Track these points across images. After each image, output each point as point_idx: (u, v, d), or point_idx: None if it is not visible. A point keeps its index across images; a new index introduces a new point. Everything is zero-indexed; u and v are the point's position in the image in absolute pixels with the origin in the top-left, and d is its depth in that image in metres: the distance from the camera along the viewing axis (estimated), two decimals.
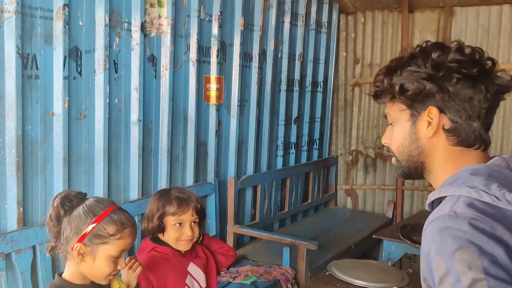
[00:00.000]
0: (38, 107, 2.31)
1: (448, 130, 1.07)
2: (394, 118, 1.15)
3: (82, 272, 1.46)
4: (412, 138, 1.11)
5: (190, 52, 3.16)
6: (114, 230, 1.43)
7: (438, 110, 1.07)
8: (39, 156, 2.35)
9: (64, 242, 1.44)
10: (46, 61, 2.33)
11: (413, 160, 1.12)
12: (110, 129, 2.65)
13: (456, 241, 0.91)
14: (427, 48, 1.10)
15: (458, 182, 1.02)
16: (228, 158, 3.65)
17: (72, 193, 1.47)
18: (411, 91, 1.08)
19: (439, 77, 1.05)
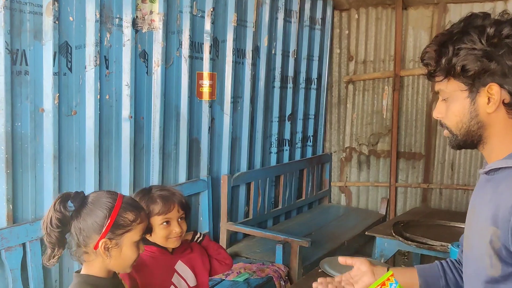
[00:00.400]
0: (27, 103, 2.29)
1: (509, 104, 1.10)
2: (450, 95, 1.17)
3: (108, 267, 1.44)
4: (472, 115, 1.14)
5: (183, 48, 3.14)
6: (133, 216, 1.42)
7: (498, 86, 1.10)
8: (29, 152, 2.33)
9: (82, 243, 1.40)
10: (36, 57, 2.30)
11: (472, 134, 1.16)
12: (101, 126, 2.63)
13: None
14: (477, 21, 1.12)
15: None
16: (221, 155, 3.64)
17: (71, 194, 1.43)
18: (473, 71, 1.10)
19: (499, 54, 1.08)
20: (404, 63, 4.60)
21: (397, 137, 4.68)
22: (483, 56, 1.09)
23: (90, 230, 1.38)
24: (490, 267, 1.12)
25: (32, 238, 2.30)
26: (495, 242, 1.09)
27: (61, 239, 1.38)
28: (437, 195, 4.63)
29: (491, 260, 1.10)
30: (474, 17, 1.13)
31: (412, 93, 4.60)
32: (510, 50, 1.08)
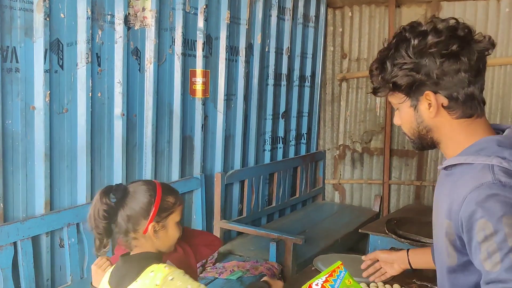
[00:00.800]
0: (18, 101, 2.27)
1: (447, 107, 1.18)
2: (398, 106, 1.27)
3: (157, 248, 1.53)
4: (418, 121, 1.23)
5: (175, 45, 3.12)
6: (174, 198, 1.55)
7: (433, 93, 1.17)
8: (20, 151, 2.31)
9: (131, 229, 1.49)
10: (27, 54, 2.28)
11: (423, 137, 1.26)
12: (93, 124, 2.62)
13: (504, 207, 1.05)
14: (405, 35, 1.18)
15: (487, 152, 1.15)
16: (214, 153, 3.63)
17: (113, 187, 1.51)
18: (404, 85, 1.19)
19: (424, 65, 1.15)
20: None
21: (390, 135, 4.69)
22: (412, 69, 1.16)
23: (138, 216, 1.48)
24: (447, 257, 1.23)
25: (23, 236, 2.28)
26: (450, 234, 1.19)
27: (108, 229, 1.48)
28: (430, 192, 4.64)
29: (448, 250, 1.22)
30: (402, 31, 1.19)
31: None
32: (433, 59, 1.14)
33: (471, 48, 1.14)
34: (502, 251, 1.03)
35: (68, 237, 2.50)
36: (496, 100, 4.20)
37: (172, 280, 1.39)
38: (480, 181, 1.10)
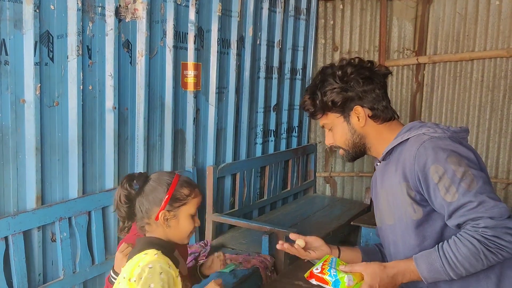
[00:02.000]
0: (8, 94, 2.24)
1: (372, 116, 1.56)
2: (332, 124, 1.61)
3: (168, 237, 1.61)
4: (352, 131, 1.58)
5: (167, 38, 3.09)
6: (188, 190, 1.60)
7: (360, 107, 1.55)
8: (10, 145, 2.28)
9: (145, 215, 1.59)
10: (16, 46, 2.25)
11: (357, 145, 1.60)
12: (84, 117, 2.59)
13: (445, 152, 1.40)
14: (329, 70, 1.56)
15: (415, 128, 1.52)
16: (206, 146, 3.62)
17: (135, 175, 1.62)
18: (340, 101, 1.54)
19: (351, 86, 1.54)
20: (388, 53, 4.62)
21: None
22: (341, 90, 1.53)
23: (151, 204, 1.57)
24: (414, 212, 1.49)
25: (15, 231, 2.26)
26: (410, 193, 1.47)
27: (129, 213, 1.60)
28: None
29: (413, 207, 1.48)
30: (326, 69, 1.58)
31: (397, 84, 4.63)
32: (356, 82, 1.53)
33: (377, 73, 1.56)
34: (455, 183, 1.35)
35: (60, 231, 2.48)
36: (486, 92, 4.23)
37: (150, 268, 1.43)
38: (421, 141, 1.44)
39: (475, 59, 4.23)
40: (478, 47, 4.21)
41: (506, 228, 1.32)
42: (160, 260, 1.47)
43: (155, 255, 1.48)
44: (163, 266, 1.45)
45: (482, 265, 1.36)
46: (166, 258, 1.50)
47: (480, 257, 1.34)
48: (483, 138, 4.30)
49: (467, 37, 4.25)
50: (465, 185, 1.35)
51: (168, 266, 1.47)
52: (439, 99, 4.46)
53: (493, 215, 1.32)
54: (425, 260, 1.41)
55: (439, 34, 4.39)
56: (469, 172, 1.36)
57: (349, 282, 1.41)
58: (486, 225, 1.32)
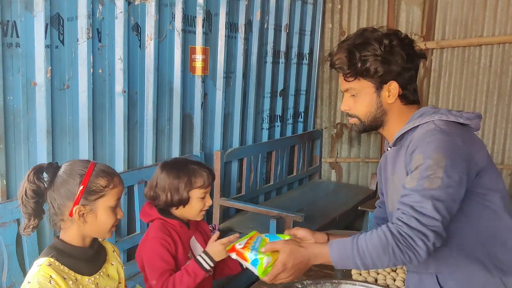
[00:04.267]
0: (19, 76, 2.23)
1: (402, 95, 1.50)
2: (359, 91, 1.52)
3: (85, 234, 1.46)
4: (378, 105, 1.52)
5: (175, 22, 3.08)
6: (106, 181, 1.44)
7: (396, 83, 1.48)
8: (22, 127, 2.28)
9: (58, 211, 1.42)
10: (27, 28, 2.24)
11: (377, 120, 1.54)
12: (94, 100, 2.59)
13: (436, 145, 1.35)
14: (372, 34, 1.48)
15: (428, 114, 1.46)
16: (214, 131, 3.62)
17: (44, 165, 1.45)
18: (381, 72, 1.46)
19: (393, 59, 1.45)
20: None
21: None
22: (385, 61, 1.45)
23: (63, 198, 1.40)
24: None
25: None
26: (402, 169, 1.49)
27: (37, 209, 1.41)
28: None
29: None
30: (368, 32, 1.49)
31: None
32: (401, 56, 1.46)
33: (417, 54, 1.50)
34: (422, 174, 1.34)
35: None
36: (494, 78, 4.21)
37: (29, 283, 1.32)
38: (425, 130, 1.41)
39: (483, 44, 4.20)
40: (487, 32, 4.18)
41: (424, 235, 1.30)
42: (41, 274, 1.33)
43: (38, 266, 1.36)
44: (41, 281, 1.32)
45: (389, 260, 1.34)
46: (49, 271, 1.35)
47: (388, 251, 1.33)
48: (490, 124, 4.29)
49: (476, 22, 4.21)
50: (426, 183, 1.32)
51: (49, 280, 1.33)
52: (447, 85, 4.44)
53: (421, 219, 1.31)
54: (339, 245, 1.41)
55: (447, 19, 4.35)
56: (440, 176, 1.32)
57: (267, 263, 1.47)
58: (407, 223, 1.32)
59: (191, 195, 1.89)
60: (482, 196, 1.43)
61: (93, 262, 1.52)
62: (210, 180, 1.92)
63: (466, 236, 1.43)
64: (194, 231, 1.98)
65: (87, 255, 1.48)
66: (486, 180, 1.42)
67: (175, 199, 1.87)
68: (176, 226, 1.91)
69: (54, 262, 1.39)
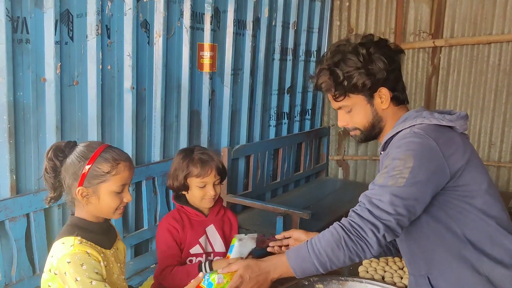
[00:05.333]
0: (29, 72, 2.25)
1: (393, 98, 1.54)
2: (352, 106, 1.54)
3: (93, 213, 1.53)
4: (374, 114, 1.54)
5: (184, 18, 3.08)
6: (109, 167, 1.48)
7: (385, 88, 1.50)
8: (32, 123, 2.30)
9: (68, 190, 1.50)
10: (37, 25, 2.25)
11: (376, 127, 1.57)
12: (103, 96, 2.60)
13: (407, 147, 1.38)
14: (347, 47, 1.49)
15: (411, 118, 1.49)
16: (221, 127, 3.63)
17: (62, 143, 1.51)
18: (369, 84, 1.48)
19: (377, 66, 1.47)
20: (404, 36, 4.57)
21: None
22: (368, 72, 1.46)
23: (71, 178, 1.47)
24: None
25: (36, 208, 2.29)
26: None
27: (56, 184, 1.50)
28: None
29: None
30: (343, 45, 1.51)
31: (412, 67, 4.58)
32: (381, 61, 1.46)
33: (395, 52, 1.52)
34: (388, 174, 1.37)
35: None
36: (503, 76, 4.18)
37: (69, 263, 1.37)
38: (402, 135, 1.44)
39: (492, 42, 4.18)
40: (496, 30, 4.16)
41: (374, 226, 1.31)
42: (77, 252, 1.40)
43: (70, 246, 1.41)
44: (82, 257, 1.39)
45: (344, 254, 1.33)
46: (83, 247, 1.43)
47: (341, 244, 1.33)
48: (498, 122, 4.27)
49: (485, 20, 4.19)
50: (391, 180, 1.34)
51: (88, 255, 1.41)
52: (455, 83, 4.42)
53: (373, 211, 1.33)
54: (295, 250, 1.41)
55: (456, 17, 4.33)
56: (406, 176, 1.33)
57: (218, 280, 1.50)
58: (360, 214, 1.34)
59: (189, 183, 2.00)
60: (465, 195, 1.43)
61: (109, 235, 1.60)
62: (208, 170, 1.97)
63: (452, 236, 1.44)
64: (214, 219, 2.04)
65: (103, 229, 1.57)
66: (468, 179, 1.42)
67: (175, 185, 2.01)
68: (191, 213, 2.02)
69: (81, 240, 1.46)
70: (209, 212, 2.09)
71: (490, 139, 4.33)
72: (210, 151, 2.09)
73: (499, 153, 4.31)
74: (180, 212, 2.05)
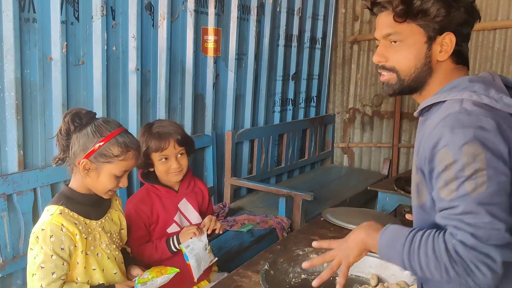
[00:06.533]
0: (36, 51, 2.31)
1: (456, 52, 1.20)
2: (405, 38, 1.20)
3: (86, 186, 1.57)
4: (426, 60, 1.20)
5: (188, 2, 3.13)
6: (119, 151, 1.52)
7: (454, 36, 1.18)
8: (38, 100, 2.36)
9: (72, 156, 1.53)
10: (43, 4, 2.31)
11: (420, 79, 1.23)
12: (108, 77, 2.66)
13: (466, 136, 1.05)
14: None
15: (459, 88, 1.16)
16: (225, 111, 3.67)
17: (83, 111, 1.54)
18: (442, 16, 1.16)
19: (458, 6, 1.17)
20: None
21: (401, 98, 4.70)
22: (447, 4, 1.16)
23: (80, 148, 1.51)
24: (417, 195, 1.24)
25: (43, 184, 2.36)
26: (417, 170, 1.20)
27: (65, 145, 1.54)
28: None
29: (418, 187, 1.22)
30: None
31: None
32: (465, 4, 1.18)
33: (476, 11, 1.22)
34: (459, 179, 1.05)
35: None
36: (508, 62, 4.18)
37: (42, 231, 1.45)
38: (448, 112, 1.11)
39: (497, 28, 4.17)
40: (501, 15, 4.15)
41: (486, 256, 1.02)
42: (53, 222, 1.45)
43: (50, 215, 1.47)
44: (54, 229, 1.44)
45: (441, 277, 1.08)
46: (60, 219, 1.47)
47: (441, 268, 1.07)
48: None
49: (490, 6, 4.18)
50: (469, 186, 1.04)
51: (61, 228, 1.45)
52: None
53: (477, 234, 1.02)
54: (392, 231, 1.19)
55: None
56: (483, 172, 1.03)
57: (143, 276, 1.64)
58: (463, 241, 1.04)
59: (152, 159, 1.94)
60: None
61: (99, 207, 1.63)
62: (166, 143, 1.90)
63: None
64: (186, 193, 2.05)
65: (93, 201, 1.59)
66: None
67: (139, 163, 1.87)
68: (161, 191, 1.98)
69: (64, 209, 1.50)
70: (180, 186, 2.04)
71: None
72: (170, 123, 2.02)
73: None
74: (150, 192, 1.99)
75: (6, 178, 2.20)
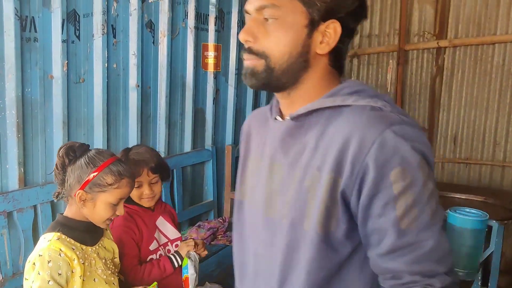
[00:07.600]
0: (37, 69, 2.34)
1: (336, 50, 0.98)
2: (283, 16, 0.94)
3: (83, 216, 1.59)
4: (304, 50, 0.96)
5: (188, 19, 3.17)
6: (112, 180, 1.55)
7: (341, 26, 0.94)
8: (39, 118, 2.39)
9: (68, 188, 1.56)
10: (45, 24, 2.34)
11: (292, 72, 0.97)
12: (109, 94, 2.69)
13: (419, 152, 0.89)
14: None
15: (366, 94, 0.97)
16: (225, 126, 3.70)
17: (76, 144, 1.58)
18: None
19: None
20: (408, 37, 4.60)
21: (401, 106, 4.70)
22: None
23: (75, 180, 1.54)
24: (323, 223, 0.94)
25: (43, 201, 2.38)
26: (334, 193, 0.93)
27: (62, 180, 1.57)
28: (438, 169, 4.68)
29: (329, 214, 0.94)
30: None
31: (416, 68, 4.61)
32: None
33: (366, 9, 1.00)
34: (419, 204, 0.88)
35: None
36: (507, 76, 4.19)
37: (40, 256, 1.45)
38: (386, 124, 0.89)
39: (496, 42, 4.19)
40: (500, 30, 4.17)
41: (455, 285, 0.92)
42: (51, 247, 1.46)
43: (48, 241, 1.48)
44: (52, 254, 1.45)
45: None
46: (58, 244, 1.48)
47: None
48: (503, 122, 4.27)
49: (489, 20, 4.20)
50: (429, 212, 0.88)
51: (59, 253, 1.46)
52: (459, 83, 4.44)
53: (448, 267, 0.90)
54: None
55: (460, 17, 4.35)
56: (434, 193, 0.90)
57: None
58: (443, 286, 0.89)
59: None
60: None
61: (94, 233, 1.64)
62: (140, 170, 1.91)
63: None
64: (161, 213, 2.09)
65: (88, 227, 1.61)
66: None
67: None
68: (139, 211, 2.01)
69: (61, 235, 1.51)
70: (155, 207, 2.07)
71: (494, 139, 4.34)
72: (146, 150, 2.03)
73: (504, 153, 4.31)
74: (130, 212, 1.97)
75: (7, 196, 2.22)
